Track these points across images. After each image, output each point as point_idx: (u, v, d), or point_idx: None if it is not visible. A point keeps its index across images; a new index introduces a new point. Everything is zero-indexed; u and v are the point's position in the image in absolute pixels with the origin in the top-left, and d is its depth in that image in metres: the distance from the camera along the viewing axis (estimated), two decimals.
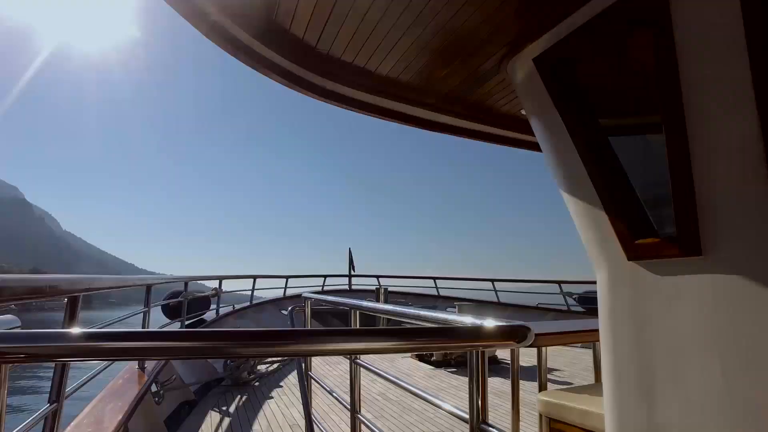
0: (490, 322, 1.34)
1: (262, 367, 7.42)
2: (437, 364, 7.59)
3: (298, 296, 13.68)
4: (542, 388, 3.09)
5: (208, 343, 1.06)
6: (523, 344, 1.32)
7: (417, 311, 1.93)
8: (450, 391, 6.00)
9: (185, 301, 7.10)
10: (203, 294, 8.15)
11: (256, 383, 6.48)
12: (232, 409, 5.46)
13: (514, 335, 1.28)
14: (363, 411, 2.93)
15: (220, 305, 9.89)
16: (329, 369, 7.26)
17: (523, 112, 3.89)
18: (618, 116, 2.18)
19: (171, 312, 7.34)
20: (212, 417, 5.19)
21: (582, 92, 2.17)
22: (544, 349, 3.19)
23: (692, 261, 1.67)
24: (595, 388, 2.87)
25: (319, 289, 14.21)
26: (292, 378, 6.78)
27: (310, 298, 4.00)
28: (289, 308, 4.47)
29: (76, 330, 1.03)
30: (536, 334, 2.69)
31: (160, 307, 7.35)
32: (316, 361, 7.34)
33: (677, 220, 1.69)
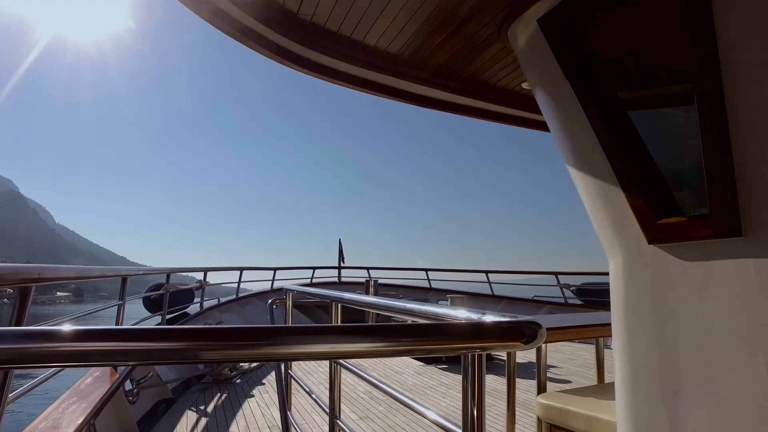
0: (491, 318, 1.01)
1: (245, 364, 7.12)
2: (427, 360, 7.30)
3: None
4: (541, 389, 2.77)
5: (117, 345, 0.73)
6: (532, 345, 0.98)
7: (404, 304, 1.58)
8: (440, 389, 5.71)
9: (167, 294, 6.77)
10: (186, 286, 7.80)
11: (238, 380, 6.17)
12: (210, 408, 5.16)
13: (520, 334, 0.93)
14: (347, 411, 2.66)
15: (205, 298, 9.59)
16: (315, 365, 6.96)
17: (525, 85, 3.57)
18: (638, 86, 1.87)
19: (152, 305, 7.03)
20: (188, 417, 4.88)
21: (596, 58, 1.86)
22: (544, 346, 2.87)
23: (729, 243, 1.39)
24: (602, 390, 2.57)
25: (308, 281, 13.91)
26: (269, 375, 6.48)
27: (292, 291, 3.67)
28: (269, 301, 4.15)
29: None
30: None
31: (141, 300, 7.06)
32: None
33: (711, 195, 1.39)
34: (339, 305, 2.63)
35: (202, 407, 5.20)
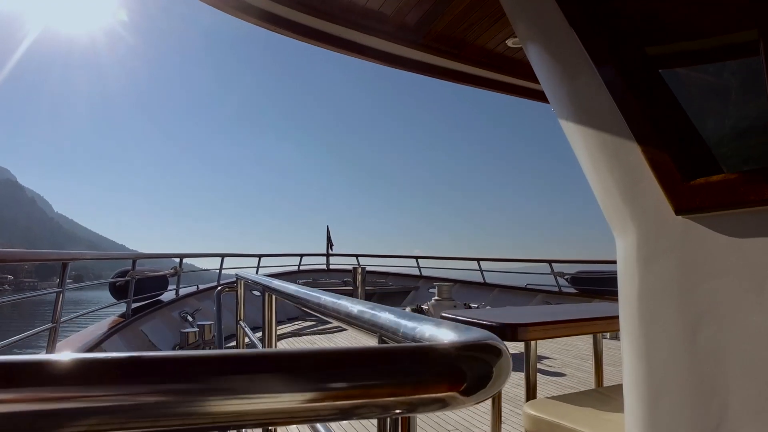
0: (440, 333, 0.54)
1: None
2: None
3: (271, 276, 13.01)
4: (530, 393, 2.33)
5: None
6: (479, 396, 0.47)
7: (336, 300, 1.07)
8: None
9: (132, 281, 6.39)
10: (157, 273, 7.42)
11: None
12: None
13: (456, 377, 0.46)
14: None
15: (183, 285, 9.20)
16: None
17: (511, 42, 3.14)
18: (670, 38, 1.46)
19: (117, 292, 6.65)
20: None
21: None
22: (533, 343, 2.40)
23: None
24: (603, 397, 2.11)
25: (296, 268, 13.53)
26: None
27: (245, 279, 3.21)
28: (218, 288, 3.68)
29: None
30: (527, 325, 1.91)
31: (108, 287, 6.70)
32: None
33: None
34: (274, 297, 2.16)
35: None
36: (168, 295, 8.07)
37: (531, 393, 2.30)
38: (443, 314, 2.41)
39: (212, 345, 6.34)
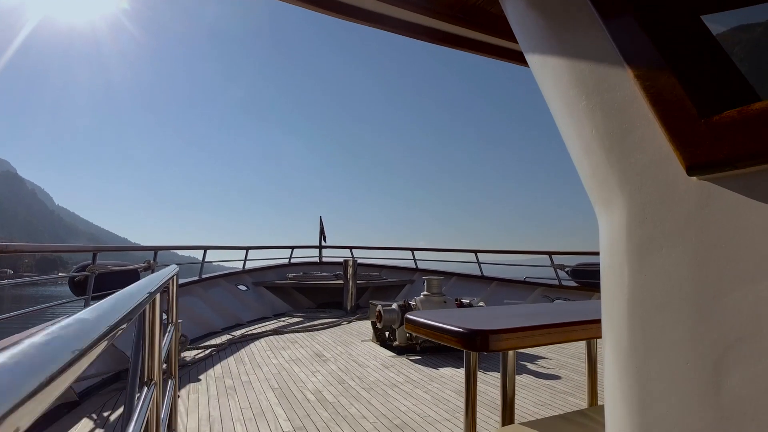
0: None
1: (187, 354, 6.20)
2: (399, 350, 6.38)
3: (260, 270, 12.49)
4: (507, 416, 1.79)
5: None
6: None
7: None
8: (404, 387, 4.78)
9: (92, 276, 5.81)
10: (125, 267, 6.85)
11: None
12: (114, 417, 4.22)
13: None
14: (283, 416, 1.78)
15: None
16: (268, 350, 6.04)
17: None
18: None
19: (77, 287, 6.07)
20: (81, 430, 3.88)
21: None
22: (511, 353, 1.86)
23: None
24: (593, 422, 1.60)
25: (286, 261, 12.97)
26: (221, 368, 5.56)
27: (165, 275, 2.68)
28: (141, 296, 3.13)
29: None
30: (501, 332, 1.44)
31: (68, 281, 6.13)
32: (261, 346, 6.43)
33: None
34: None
35: (105, 414, 4.19)
36: None
37: (507, 415, 1.76)
38: (408, 316, 1.92)
39: (180, 346, 5.78)
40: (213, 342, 6.94)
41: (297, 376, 5.18)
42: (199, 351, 6.40)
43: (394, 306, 6.50)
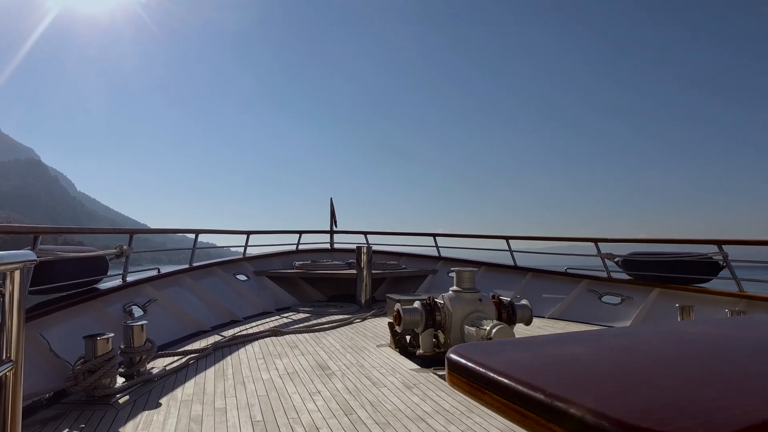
0: None
1: (156, 364, 4.92)
2: (424, 361, 5.05)
3: (264, 257, 11.21)
4: None
5: None
6: None
7: None
8: (435, 422, 3.45)
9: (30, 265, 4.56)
10: (87, 253, 5.59)
11: (123, 398, 3.97)
12: None
13: None
14: None
15: (142, 267, 7.41)
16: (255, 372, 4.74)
17: None
18: None
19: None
20: None
21: None
22: None
23: None
24: None
25: (293, 248, 11.69)
26: (194, 386, 4.28)
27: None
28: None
29: None
30: None
31: None
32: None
33: None
34: None
35: None
36: (113, 283, 6.27)
37: None
38: (453, 357, 0.55)
39: (143, 355, 4.50)
40: (194, 346, 5.67)
41: (290, 399, 3.88)
42: (175, 359, 5.13)
43: (417, 305, 5.15)
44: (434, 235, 11.06)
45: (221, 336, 6.30)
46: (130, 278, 6.54)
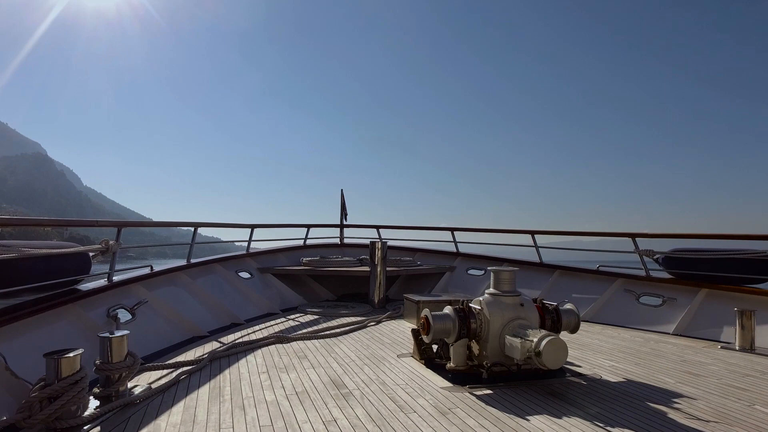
0: None
1: (140, 381, 4.16)
2: (456, 377, 4.28)
3: (269, 253, 10.45)
4: None
5: None
6: None
7: None
8: None
9: None
10: (64, 250, 4.83)
11: (94, 430, 3.21)
12: None
13: None
14: None
15: (134, 265, 6.67)
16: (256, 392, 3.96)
17: None
18: None
19: None
20: None
21: None
22: None
23: None
24: None
25: (300, 243, 10.93)
26: (182, 411, 3.52)
27: None
28: None
29: None
30: None
31: None
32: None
33: None
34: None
35: None
36: (97, 283, 5.53)
37: None
38: None
39: (123, 372, 3.73)
40: (188, 356, 4.91)
41: (301, 430, 3.12)
42: (164, 372, 4.38)
43: (448, 311, 4.38)
44: (452, 230, 10.26)
45: (220, 343, 5.55)
46: (117, 277, 5.79)
